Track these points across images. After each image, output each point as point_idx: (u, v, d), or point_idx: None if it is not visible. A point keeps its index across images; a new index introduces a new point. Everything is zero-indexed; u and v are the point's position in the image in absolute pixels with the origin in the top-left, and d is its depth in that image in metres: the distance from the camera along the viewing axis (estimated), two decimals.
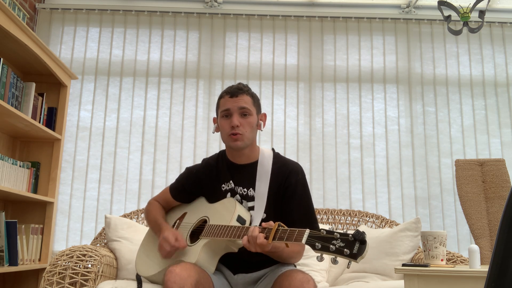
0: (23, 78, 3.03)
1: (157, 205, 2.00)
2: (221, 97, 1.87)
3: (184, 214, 1.96)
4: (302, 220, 1.78)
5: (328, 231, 1.38)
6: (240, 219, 1.73)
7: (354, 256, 1.30)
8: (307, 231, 1.42)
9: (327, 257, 1.39)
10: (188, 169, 2.01)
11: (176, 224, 1.94)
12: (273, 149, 1.94)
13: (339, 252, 1.33)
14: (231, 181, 1.86)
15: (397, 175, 3.39)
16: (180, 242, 1.72)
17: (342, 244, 1.33)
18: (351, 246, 1.32)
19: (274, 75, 3.53)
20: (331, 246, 1.34)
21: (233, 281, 1.81)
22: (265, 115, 1.92)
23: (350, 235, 1.34)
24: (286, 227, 1.50)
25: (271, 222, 1.55)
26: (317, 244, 1.37)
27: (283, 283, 1.56)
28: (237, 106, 1.80)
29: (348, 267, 1.33)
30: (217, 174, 1.90)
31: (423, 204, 3.36)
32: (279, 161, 1.87)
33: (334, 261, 1.33)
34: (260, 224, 1.76)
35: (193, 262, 1.67)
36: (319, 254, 1.37)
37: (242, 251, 1.74)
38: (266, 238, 1.50)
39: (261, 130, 1.92)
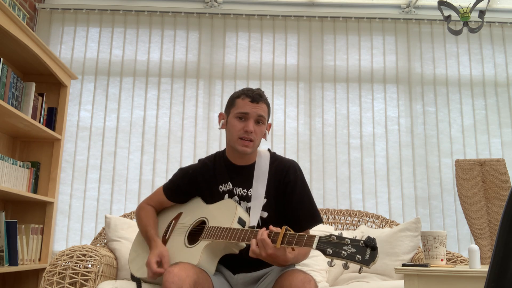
0: (23, 78, 3.03)
1: (149, 210, 1.97)
2: (237, 96, 1.85)
3: (180, 214, 1.94)
4: (305, 215, 1.80)
5: (338, 237, 1.40)
6: (240, 221, 1.73)
7: (366, 262, 1.33)
8: (317, 236, 1.43)
9: (338, 262, 1.41)
10: (182, 169, 2.00)
11: (172, 224, 1.92)
12: (269, 149, 1.95)
13: (351, 258, 1.35)
14: (229, 182, 1.86)
15: (397, 175, 3.39)
16: (164, 265, 1.72)
17: (353, 250, 1.36)
18: (363, 252, 1.35)
19: (274, 75, 3.53)
20: (343, 252, 1.37)
21: (233, 281, 1.81)
22: (270, 124, 1.94)
23: (361, 241, 1.36)
24: (293, 232, 1.51)
25: (273, 227, 1.56)
26: (328, 250, 1.39)
27: (284, 283, 1.57)
28: (256, 113, 1.80)
29: (359, 273, 1.35)
30: (214, 175, 1.90)
31: (423, 204, 3.36)
32: (276, 160, 1.89)
33: (345, 266, 1.35)
34: (258, 225, 1.77)
35: (194, 264, 1.67)
36: (329, 259, 1.38)
37: (242, 251, 1.74)
38: (273, 242, 1.51)
39: (265, 140, 1.94)
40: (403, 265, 1.68)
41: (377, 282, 2.14)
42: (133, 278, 1.89)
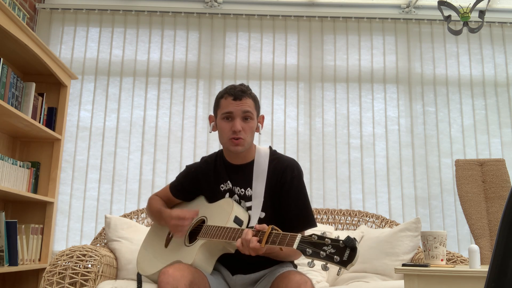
0: (23, 78, 3.03)
1: (158, 199, 2.00)
2: (221, 97, 1.81)
3: None
4: (299, 218, 1.77)
5: (319, 237, 1.36)
6: (237, 220, 1.71)
7: (344, 263, 1.28)
8: (299, 236, 1.40)
9: (318, 262, 1.37)
10: (187, 167, 2.00)
11: None
12: (270, 147, 1.92)
13: (329, 258, 1.30)
14: (228, 182, 1.85)
15: (397, 175, 3.39)
16: (189, 213, 1.76)
17: (332, 251, 1.31)
18: (342, 253, 1.30)
19: (274, 75, 3.53)
20: (322, 252, 1.32)
21: (231, 281, 1.80)
22: (263, 117, 1.89)
23: (341, 241, 1.32)
24: (279, 231, 1.48)
25: (265, 225, 1.54)
26: (308, 250, 1.35)
27: (280, 285, 1.56)
28: (240, 110, 1.76)
29: (338, 275, 1.30)
30: (215, 174, 1.89)
31: (423, 204, 3.36)
32: (275, 158, 1.85)
33: (325, 267, 1.31)
34: (260, 222, 1.76)
35: (189, 263, 1.67)
36: (310, 260, 1.35)
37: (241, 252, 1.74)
38: (259, 241, 1.49)
39: (260, 133, 1.91)
40: (403, 265, 1.68)
41: (377, 282, 2.14)
42: (138, 276, 1.90)
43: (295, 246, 1.38)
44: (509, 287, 0.66)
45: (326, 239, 1.34)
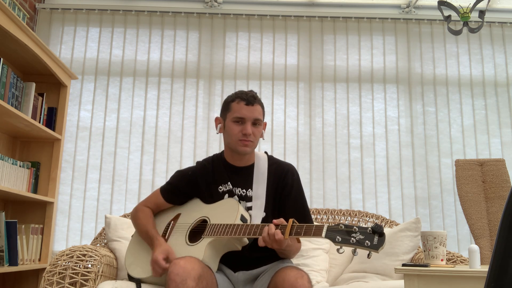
0: (23, 78, 3.03)
1: (146, 211, 1.97)
2: (232, 100, 1.89)
3: (178, 215, 1.96)
4: (298, 216, 1.86)
5: (346, 225, 1.48)
6: (242, 218, 1.78)
7: (375, 247, 1.41)
8: (326, 225, 1.52)
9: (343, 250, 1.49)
10: (180, 171, 2.03)
11: (170, 225, 1.94)
12: (266, 152, 2.02)
13: (360, 244, 1.43)
14: (229, 183, 1.91)
15: (397, 175, 3.39)
16: (172, 261, 1.73)
17: (361, 237, 1.44)
18: (371, 238, 1.43)
19: (274, 75, 3.52)
20: (352, 238, 1.44)
21: (234, 279, 1.84)
22: (265, 123, 1.99)
23: (369, 228, 1.44)
24: (300, 224, 1.60)
25: (282, 220, 1.64)
26: (337, 237, 1.46)
27: (278, 279, 1.62)
28: (252, 116, 1.86)
29: (368, 257, 1.43)
30: (213, 176, 1.94)
31: (423, 204, 3.36)
32: (274, 163, 1.97)
33: (355, 252, 1.43)
34: (261, 222, 1.83)
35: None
36: (338, 247, 1.45)
37: (244, 247, 1.79)
38: (282, 234, 1.58)
39: (263, 139, 1.99)
40: (403, 265, 1.68)
41: (377, 282, 2.14)
42: (131, 279, 1.89)
43: (323, 234, 1.49)
44: (509, 287, 0.67)
45: (354, 227, 1.47)
